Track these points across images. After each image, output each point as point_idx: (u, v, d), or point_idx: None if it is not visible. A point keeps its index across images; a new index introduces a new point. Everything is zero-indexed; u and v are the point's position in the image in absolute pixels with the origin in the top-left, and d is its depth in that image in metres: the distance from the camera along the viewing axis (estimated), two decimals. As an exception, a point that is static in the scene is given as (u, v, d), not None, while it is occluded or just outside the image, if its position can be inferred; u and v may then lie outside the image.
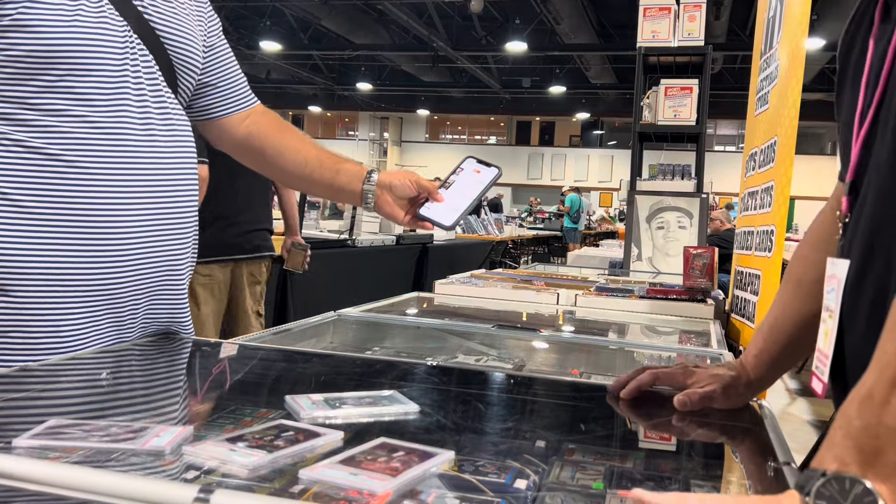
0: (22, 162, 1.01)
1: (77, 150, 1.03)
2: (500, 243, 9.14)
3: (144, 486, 0.60)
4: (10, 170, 1.01)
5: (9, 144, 1.01)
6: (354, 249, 5.15)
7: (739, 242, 2.60)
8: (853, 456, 0.56)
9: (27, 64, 1.00)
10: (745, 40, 13.91)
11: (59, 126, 1.02)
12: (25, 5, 0.99)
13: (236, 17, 16.84)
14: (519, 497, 0.65)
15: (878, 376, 0.58)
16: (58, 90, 1.02)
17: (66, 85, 1.02)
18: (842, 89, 0.88)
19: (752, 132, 2.59)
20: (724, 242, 4.82)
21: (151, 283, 1.15)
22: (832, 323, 0.79)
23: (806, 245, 1.03)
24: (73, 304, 1.06)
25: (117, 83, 1.07)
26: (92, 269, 1.06)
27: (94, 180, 1.05)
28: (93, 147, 1.04)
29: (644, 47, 4.06)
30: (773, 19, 2.33)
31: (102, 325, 1.10)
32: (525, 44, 15.56)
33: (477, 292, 2.41)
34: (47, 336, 1.04)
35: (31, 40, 0.99)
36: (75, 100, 1.03)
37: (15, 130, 1.01)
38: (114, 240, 1.07)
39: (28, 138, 1.01)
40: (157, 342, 1.25)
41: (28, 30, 0.99)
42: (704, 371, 1.01)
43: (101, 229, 1.06)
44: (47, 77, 1.01)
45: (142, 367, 1.15)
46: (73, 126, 1.03)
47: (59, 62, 1.01)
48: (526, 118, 26.08)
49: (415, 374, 1.19)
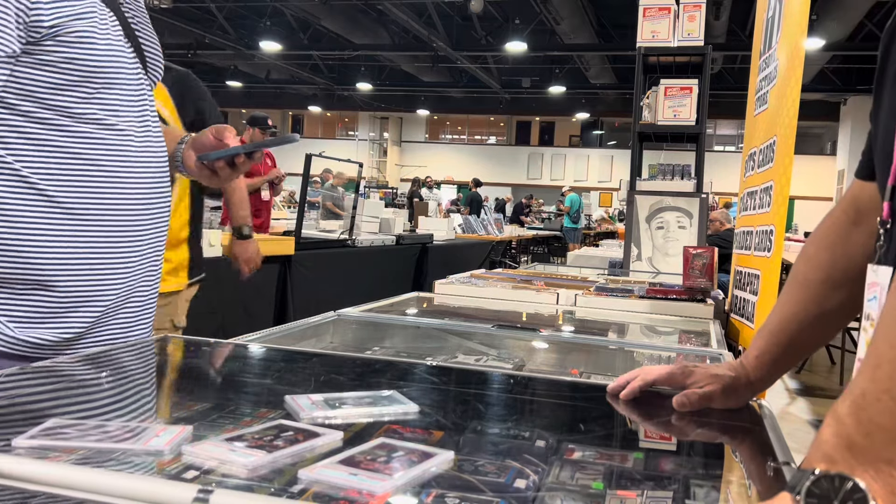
0: (64, 165, 1.11)
1: (109, 154, 1.15)
2: (500, 243, 9.15)
3: (144, 486, 0.60)
4: (54, 171, 1.10)
5: (52, 150, 1.10)
6: (354, 249, 5.15)
7: (739, 242, 2.60)
8: (843, 454, 0.56)
9: (73, 75, 1.10)
10: (745, 40, 13.91)
11: (95, 133, 1.14)
12: (83, 21, 1.10)
13: (236, 17, 16.84)
14: (519, 497, 0.65)
15: (870, 375, 0.58)
16: (94, 101, 1.13)
17: (101, 97, 1.14)
18: (880, 89, 0.84)
19: (751, 132, 2.59)
20: (724, 242, 4.82)
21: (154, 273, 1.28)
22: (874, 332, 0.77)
23: (813, 245, 1.01)
24: (104, 295, 1.16)
25: (133, 95, 1.19)
26: (119, 262, 1.18)
27: (121, 182, 1.17)
28: (120, 151, 1.17)
29: (644, 47, 4.06)
30: (773, 19, 2.33)
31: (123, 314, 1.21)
32: (525, 44, 15.55)
33: (477, 292, 2.41)
34: (83, 324, 1.14)
35: (83, 53, 1.10)
36: (107, 110, 1.15)
37: (58, 137, 1.10)
38: (133, 234, 1.19)
39: (69, 144, 1.11)
40: (157, 342, 1.25)
41: (83, 44, 1.10)
42: (704, 371, 1.01)
43: (125, 225, 1.18)
44: (87, 88, 1.12)
45: (141, 367, 1.15)
46: (105, 133, 1.15)
47: (99, 75, 1.12)
48: (526, 118, 26.06)
49: (415, 374, 1.18)
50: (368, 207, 6.88)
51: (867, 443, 0.55)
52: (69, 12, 1.08)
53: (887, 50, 0.84)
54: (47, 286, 1.10)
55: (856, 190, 0.97)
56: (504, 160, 25.41)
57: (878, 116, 0.83)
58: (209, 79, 23.22)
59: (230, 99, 25.80)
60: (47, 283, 1.10)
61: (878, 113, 0.84)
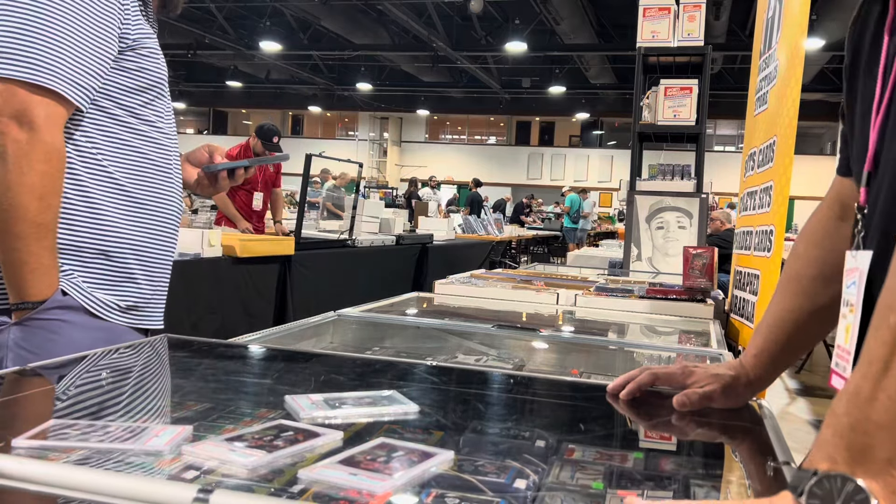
0: (129, 156, 1.30)
1: (161, 153, 1.35)
2: (500, 243, 9.15)
3: (144, 486, 0.59)
4: (120, 160, 1.29)
5: (124, 145, 1.30)
6: (354, 249, 5.15)
7: (739, 242, 2.60)
8: (843, 454, 0.56)
9: (142, 82, 1.30)
10: (745, 40, 13.91)
11: (152, 133, 1.34)
12: (152, 39, 1.33)
13: (236, 17, 16.84)
14: (519, 497, 0.65)
15: (865, 372, 0.58)
16: (152, 106, 1.34)
17: (156, 103, 1.34)
18: (853, 80, 0.86)
19: (751, 132, 2.59)
20: (724, 242, 4.82)
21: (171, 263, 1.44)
22: (853, 318, 0.77)
23: (802, 242, 1.03)
24: (154, 270, 1.36)
25: (168, 104, 1.40)
26: (165, 245, 1.38)
27: (169, 176, 1.38)
28: (168, 151, 1.37)
29: (644, 47, 4.06)
30: (773, 19, 2.33)
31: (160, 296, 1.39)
32: (525, 44, 15.55)
33: (477, 292, 2.41)
34: (135, 293, 1.32)
35: (152, 64, 1.31)
36: (158, 115, 1.35)
37: (128, 134, 1.30)
38: (174, 223, 1.41)
39: (136, 141, 1.31)
40: (157, 342, 1.25)
41: (151, 57, 1.32)
42: (704, 371, 1.01)
43: (170, 213, 1.38)
44: (148, 95, 1.32)
45: (141, 367, 1.15)
46: (158, 134, 1.35)
47: (157, 84, 1.33)
48: (526, 118, 26.05)
49: (414, 374, 1.18)
50: (368, 207, 6.88)
51: (866, 442, 0.55)
52: (144, 31, 1.31)
53: (858, 44, 0.85)
54: (109, 256, 1.28)
55: (839, 186, 0.99)
56: (504, 160, 25.39)
57: (853, 109, 0.85)
58: (209, 79, 23.26)
59: (230, 99, 25.82)
60: (110, 253, 1.28)
61: (853, 106, 0.85)
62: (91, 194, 1.26)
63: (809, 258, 1.00)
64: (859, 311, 0.76)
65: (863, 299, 0.75)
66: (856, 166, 0.84)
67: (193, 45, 17.01)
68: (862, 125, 0.81)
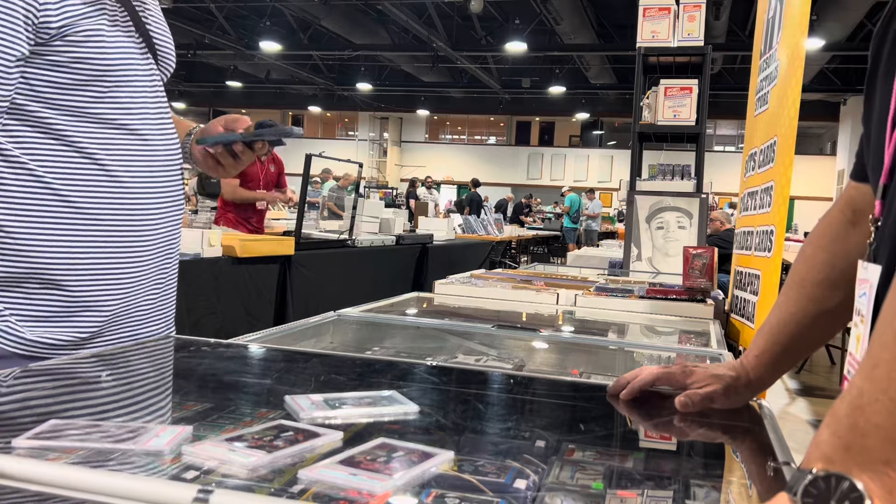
0: (77, 166, 1.11)
1: (121, 155, 1.15)
2: (500, 243, 9.15)
3: (144, 486, 0.59)
4: (66, 172, 1.10)
5: (65, 151, 1.10)
6: (354, 249, 5.15)
7: (739, 243, 2.60)
8: (840, 454, 0.56)
9: (84, 74, 1.09)
10: (745, 40, 13.90)
11: (107, 134, 1.13)
12: (92, 19, 1.09)
13: (236, 17, 16.84)
14: (519, 497, 0.65)
15: (868, 375, 0.58)
16: (107, 100, 1.12)
17: (113, 95, 1.13)
18: (872, 85, 0.85)
19: (751, 132, 2.59)
20: (724, 242, 4.82)
21: (167, 270, 1.28)
22: (864, 328, 0.77)
23: (811, 245, 1.02)
24: (116, 295, 1.16)
25: (144, 93, 1.18)
26: (130, 262, 1.18)
27: (133, 184, 1.17)
28: (132, 153, 1.16)
29: (644, 47, 4.06)
30: (773, 19, 2.33)
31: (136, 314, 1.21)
32: (525, 44, 15.54)
33: (477, 292, 2.41)
34: (95, 324, 1.14)
35: (92, 52, 1.09)
36: (121, 109, 1.14)
37: (70, 138, 1.10)
38: (144, 234, 1.19)
39: (82, 145, 1.11)
40: (157, 342, 1.25)
41: (91, 42, 1.09)
42: (704, 371, 1.01)
43: (136, 225, 1.18)
44: (99, 87, 1.11)
45: (141, 367, 1.15)
46: (118, 134, 1.14)
47: (109, 73, 1.12)
48: (526, 118, 26.05)
49: (414, 374, 1.18)
50: (368, 207, 6.88)
51: (865, 443, 0.55)
52: (77, 11, 1.07)
53: (878, 51, 0.84)
54: (60, 286, 1.10)
55: (851, 191, 0.98)
56: (504, 160, 25.38)
57: (870, 117, 0.84)
58: (209, 79, 23.25)
59: (230, 99, 25.80)
60: (60, 283, 1.10)
61: (870, 114, 0.84)
62: (29, 215, 1.08)
63: (816, 262, 0.99)
64: (869, 322, 0.76)
65: (872, 312, 0.75)
66: (872, 176, 0.83)
67: (193, 45, 17.00)
68: (877, 135, 0.80)
